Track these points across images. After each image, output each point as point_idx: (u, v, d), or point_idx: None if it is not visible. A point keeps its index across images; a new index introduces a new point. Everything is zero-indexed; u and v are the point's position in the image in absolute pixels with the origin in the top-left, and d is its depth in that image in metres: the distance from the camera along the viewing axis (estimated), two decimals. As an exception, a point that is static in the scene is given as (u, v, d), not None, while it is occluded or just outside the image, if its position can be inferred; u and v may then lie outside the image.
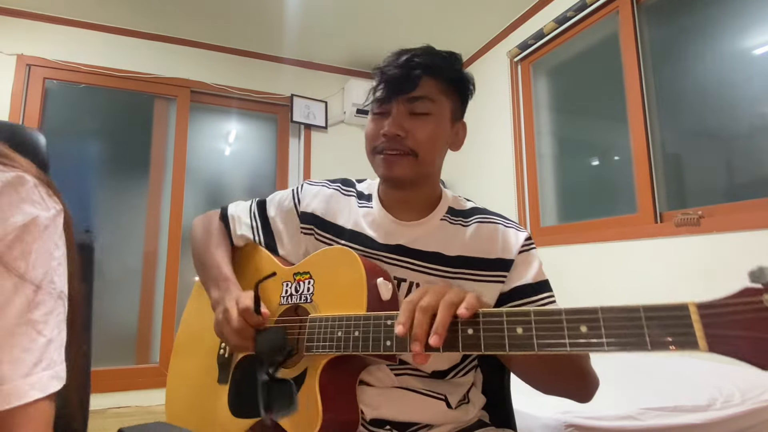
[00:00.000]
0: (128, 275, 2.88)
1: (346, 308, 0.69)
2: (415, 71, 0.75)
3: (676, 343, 0.43)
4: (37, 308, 0.41)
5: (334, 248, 0.78)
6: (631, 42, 2.11)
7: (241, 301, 0.72)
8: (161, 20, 2.87)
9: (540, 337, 0.50)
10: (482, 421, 0.82)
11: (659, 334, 0.44)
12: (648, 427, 1.02)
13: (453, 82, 0.80)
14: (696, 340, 0.42)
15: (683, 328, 0.43)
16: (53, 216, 0.45)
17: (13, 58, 2.68)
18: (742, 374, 1.32)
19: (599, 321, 0.47)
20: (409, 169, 0.76)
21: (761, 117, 1.67)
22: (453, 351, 0.55)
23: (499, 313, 0.53)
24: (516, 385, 0.92)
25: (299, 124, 3.34)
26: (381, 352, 0.61)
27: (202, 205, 3.14)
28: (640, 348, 0.44)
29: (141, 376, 2.74)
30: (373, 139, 0.78)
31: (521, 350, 0.51)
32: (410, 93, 0.75)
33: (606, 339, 0.46)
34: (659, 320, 0.44)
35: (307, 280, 0.77)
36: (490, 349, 0.53)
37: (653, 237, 1.90)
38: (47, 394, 0.40)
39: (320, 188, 0.90)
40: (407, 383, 0.76)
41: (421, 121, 0.76)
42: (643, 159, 2.01)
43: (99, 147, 2.96)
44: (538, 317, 0.51)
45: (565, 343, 0.49)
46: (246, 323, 0.71)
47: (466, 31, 2.96)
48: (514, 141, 2.80)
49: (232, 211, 0.95)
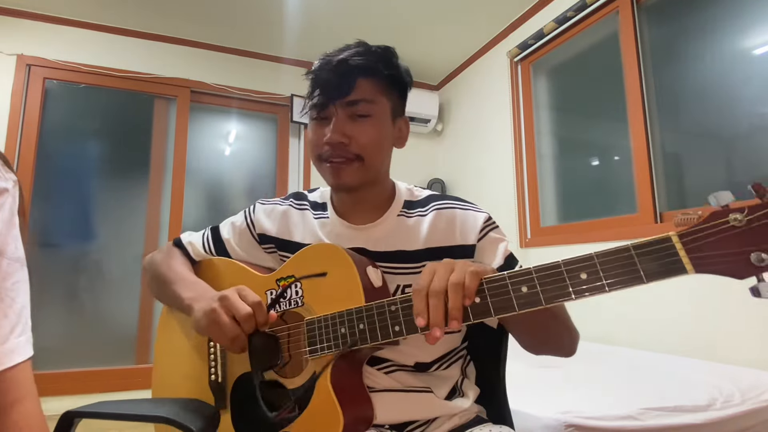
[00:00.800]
0: (128, 275, 2.88)
1: (342, 304, 0.68)
2: (350, 74, 0.73)
3: (667, 271, 0.48)
4: (10, 276, 0.43)
5: (314, 247, 0.76)
6: (631, 42, 2.11)
7: (249, 294, 0.69)
8: (161, 20, 2.87)
9: (545, 291, 0.53)
10: (480, 417, 0.82)
11: (651, 267, 0.49)
12: (648, 427, 1.02)
13: (390, 79, 0.77)
14: (683, 265, 0.47)
15: (671, 257, 0.48)
16: (11, 187, 0.45)
17: (13, 58, 2.68)
18: (742, 374, 1.32)
19: (596, 266, 0.51)
20: (357, 175, 0.75)
21: (761, 117, 1.67)
22: (466, 322, 0.57)
23: (502, 277, 0.56)
24: (515, 385, 0.92)
25: (299, 124, 3.34)
26: (392, 338, 0.62)
27: (202, 205, 3.14)
28: (637, 282, 0.49)
29: (141, 376, 2.74)
30: (317, 147, 0.77)
31: (530, 307, 0.54)
32: (347, 97, 0.73)
33: (606, 281, 0.51)
34: (648, 254, 0.49)
35: (292, 284, 0.75)
36: (500, 312, 0.56)
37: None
38: (26, 357, 0.42)
39: (273, 206, 0.88)
40: (398, 379, 0.76)
41: (363, 124, 0.75)
42: (643, 159, 2.01)
43: (99, 147, 2.96)
44: (539, 273, 0.54)
45: (570, 292, 0.52)
46: (252, 317, 0.67)
47: (467, 30, 2.96)
48: (514, 141, 2.80)
49: (186, 239, 0.93)
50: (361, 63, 0.74)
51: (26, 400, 0.41)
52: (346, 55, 0.74)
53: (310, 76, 0.77)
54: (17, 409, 0.40)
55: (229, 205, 3.23)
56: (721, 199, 0.48)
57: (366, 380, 0.74)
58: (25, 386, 0.42)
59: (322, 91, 0.75)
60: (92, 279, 2.82)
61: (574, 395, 1.16)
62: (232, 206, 3.22)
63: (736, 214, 0.47)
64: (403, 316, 0.62)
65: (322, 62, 0.76)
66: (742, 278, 0.46)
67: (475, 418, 0.81)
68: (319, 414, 0.66)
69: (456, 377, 0.82)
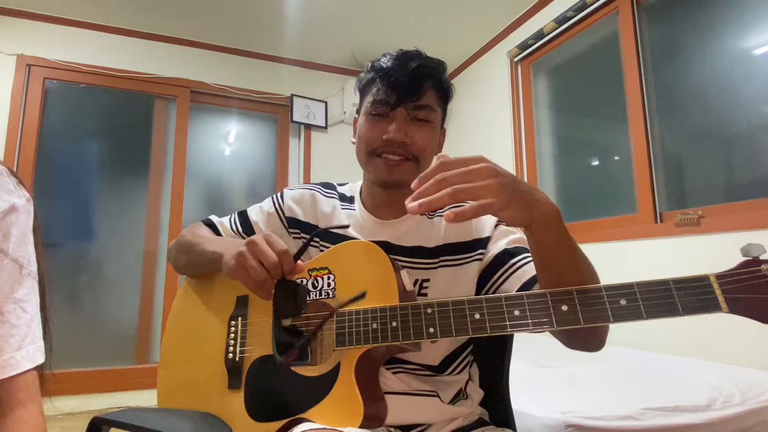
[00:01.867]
0: (128, 275, 2.88)
1: (373, 301, 0.69)
2: (424, 80, 0.77)
3: (702, 307, 0.52)
4: (21, 288, 0.45)
5: (353, 243, 0.77)
6: (631, 42, 2.11)
7: (276, 241, 0.68)
8: (161, 20, 2.87)
9: (584, 312, 0.56)
10: (482, 420, 0.82)
11: (688, 301, 0.53)
12: (648, 427, 1.02)
13: (446, 92, 0.83)
14: (719, 303, 0.51)
15: (707, 295, 0.52)
16: (25, 203, 0.48)
17: (13, 58, 2.68)
18: (742, 374, 1.32)
19: (636, 294, 0.55)
20: (409, 174, 0.77)
21: (761, 117, 1.67)
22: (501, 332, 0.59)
23: (543, 294, 0.59)
24: (515, 385, 0.92)
25: (299, 124, 3.35)
26: (425, 339, 0.64)
27: (202, 205, 3.14)
28: (673, 313, 0.53)
29: (141, 376, 2.74)
30: (372, 142, 0.79)
31: (567, 325, 0.57)
32: (418, 101, 0.78)
33: (644, 310, 0.54)
34: (686, 290, 0.53)
35: (326, 275, 0.76)
36: (537, 326, 0.58)
37: (653, 237, 1.90)
38: (36, 365, 0.45)
39: (302, 192, 0.91)
40: (404, 381, 0.76)
41: (423, 128, 0.79)
42: (643, 159, 2.01)
43: (99, 147, 2.96)
44: (580, 295, 0.57)
45: (609, 316, 0.55)
46: (279, 265, 0.66)
47: (467, 30, 2.96)
48: (514, 141, 2.80)
49: (214, 218, 0.95)
50: (432, 72, 0.78)
51: (31, 404, 0.45)
52: (419, 62, 0.78)
53: (373, 73, 0.80)
54: (23, 411, 0.44)
55: (229, 205, 3.23)
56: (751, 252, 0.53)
57: (381, 377, 0.75)
58: (32, 391, 0.45)
59: (394, 90, 0.77)
60: (92, 279, 2.82)
61: (574, 395, 1.16)
62: (232, 206, 3.21)
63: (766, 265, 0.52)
64: (439, 319, 0.63)
65: (395, 63, 0.78)
66: None
67: (477, 420, 0.81)
68: (340, 403, 0.67)
69: (463, 381, 0.83)
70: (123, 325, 2.84)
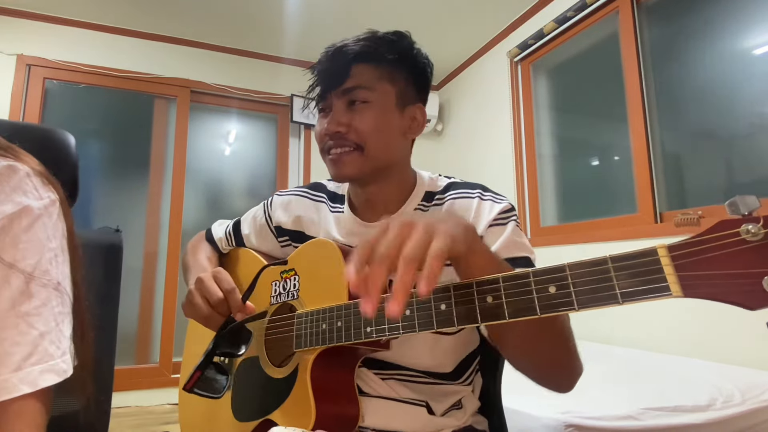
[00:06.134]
0: (128, 275, 2.88)
1: (329, 300, 0.67)
2: (345, 61, 0.71)
3: (647, 291, 0.39)
4: (29, 300, 0.40)
5: (313, 241, 0.76)
6: (631, 42, 2.11)
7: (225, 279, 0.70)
8: (161, 20, 2.87)
9: (509, 304, 0.46)
10: (472, 428, 0.77)
11: (629, 284, 0.40)
12: (648, 427, 1.02)
13: (395, 64, 0.73)
14: (668, 285, 0.38)
15: (654, 274, 0.39)
16: (46, 205, 0.43)
17: (13, 58, 2.68)
18: (742, 374, 1.32)
19: (567, 279, 0.43)
20: (357, 166, 0.72)
21: (761, 117, 1.67)
22: (427, 329, 0.52)
23: (469, 284, 0.49)
24: (515, 385, 0.92)
25: (299, 124, 3.34)
26: (363, 339, 0.59)
27: (202, 205, 3.14)
28: (611, 302, 0.41)
29: (141, 376, 2.74)
30: (321, 140, 0.76)
31: (493, 320, 0.47)
32: (343, 84, 0.71)
33: (576, 297, 0.43)
34: (628, 269, 0.40)
35: (292, 276, 0.76)
36: (463, 322, 0.49)
37: (653, 237, 1.90)
38: (38, 388, 0.39)
39: (290, 198, 0.88)
40: (393, 388, 0.73)
41: (361, 111, 0.71)
42: (643, 159, 2.01)
43: (99, 147, 2.96)
44: (506, 282, 0.47)
45: (535, 307, 0.44)
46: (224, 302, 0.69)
47: (467, 30, 2.96)
48: (514, 141, 2.80)
49: (216, 233, 0.97)
50: (357, 49, 0.71)
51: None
52: (343, 43, 0.72)
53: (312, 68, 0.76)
54: None
55: (229, 205, 3.23)
56: (742, 207, 0.36)
57: (361, 383, 0.73)
58: (26, 420, 0.38)
59: (320, 80, 0.74)
60: (92, 279, 2.82)
61: (573, 395, 1.15)
62: (232, 206, 3.22)
63: (750, 224, 0.35)
64: (376, 317, 0.58)
65: (322, 54, 0.75)
66: (753, 309, 0.35)
67: (467, 428, 0.76)
68: (296, 405, 0.67)
69: (467, 392, 0.78)
70: (123, 325, 2.83)
